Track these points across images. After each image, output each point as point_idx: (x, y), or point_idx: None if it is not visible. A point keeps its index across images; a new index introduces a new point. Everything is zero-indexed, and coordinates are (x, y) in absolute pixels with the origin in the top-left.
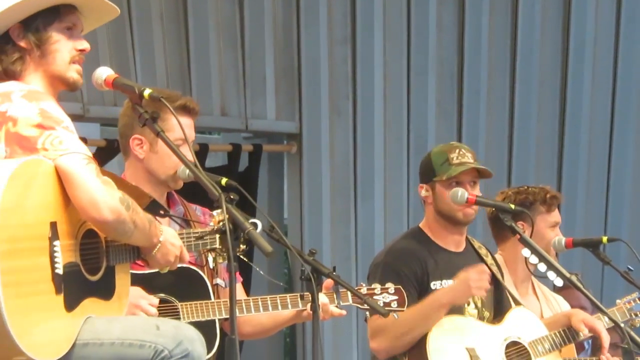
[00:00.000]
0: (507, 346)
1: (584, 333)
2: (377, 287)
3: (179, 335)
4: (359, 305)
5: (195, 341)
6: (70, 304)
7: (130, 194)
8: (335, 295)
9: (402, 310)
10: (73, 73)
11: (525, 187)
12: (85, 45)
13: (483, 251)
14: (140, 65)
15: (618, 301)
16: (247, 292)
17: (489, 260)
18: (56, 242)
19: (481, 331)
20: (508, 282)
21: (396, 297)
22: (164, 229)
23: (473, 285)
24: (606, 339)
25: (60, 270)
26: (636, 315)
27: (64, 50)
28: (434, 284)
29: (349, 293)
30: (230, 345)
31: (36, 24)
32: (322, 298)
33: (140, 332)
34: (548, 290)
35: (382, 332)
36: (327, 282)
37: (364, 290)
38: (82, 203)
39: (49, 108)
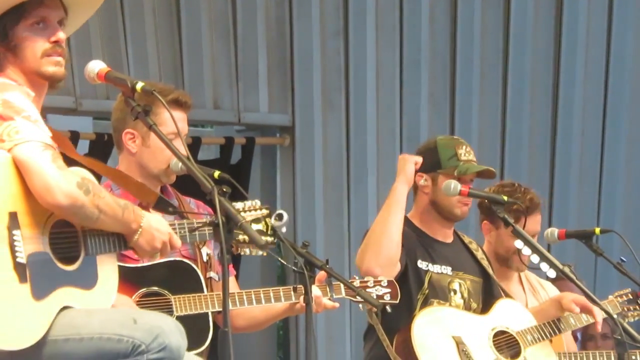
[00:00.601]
0: (495, 335)
1: (576, 312)
2: (370, 279)
3: (155, 329)
4: (352, 298)
5: (173, 333)
6: (39, 293)
7: (136, 191)
8: (328, 288)
9: (395, 303)
10: (48, 66)
11: (512, 187)
12: (58, 36)
13: (473, 246)
14: (133, 58)
15: (610, 296)
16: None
17: (479, 254)
18: (16, 232)
19: (467, 321)
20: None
21: (389, 290)
22: (148, 215)
23: (407, 157)
24: (598, 314)
25: (22, 259)
26: (629, 309)
27: (34, 46)
28: (421, 263)
29: (342, 286)
30: (223, 338)
31: (2, 27)
32: (315, 291)
33: (118, 326)
34: (536, 278)
35: (365, 248)
36: (320, 275)
37: (357, 282)
38: (36, 188)
39: (13, 98)
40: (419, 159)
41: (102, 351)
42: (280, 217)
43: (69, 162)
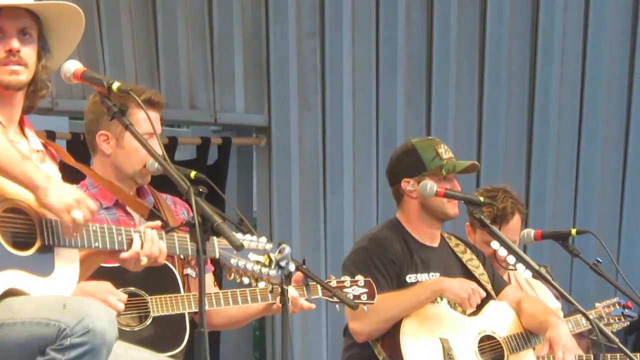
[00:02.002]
0: (481, 340)
1: (542, 354)
2: (346, 279)
3: (82, 313)
4: (329, 299)
5: (100, 318)
6: None
7: (130, 203)
8: (305, 289)
9: (372, 303)
10: (2, 75)
11: (494, 192)
12: (10, 45)
13: (461, 248)
14: (109, 58)
15: (597, 304)
16: (219, 285)
17: (467, 256)
18: None
19: (456, 322)
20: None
21: (366, 290)
22: (55, 179)
23: (465, 296)
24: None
25: None
26: (614, 320)
27: None
28: (410, 277)
29: (318, 286)
30: (199, 339)
31: None
32: (292, 291)
33: (48, 310)
34: (524, 277)
35: (368, 314)
36: (297, 276)
37: (333, 283)
38: None
39: None
40: (467, 307)
41: (32, 336)
42: (282, 250)
43: (64, 167)
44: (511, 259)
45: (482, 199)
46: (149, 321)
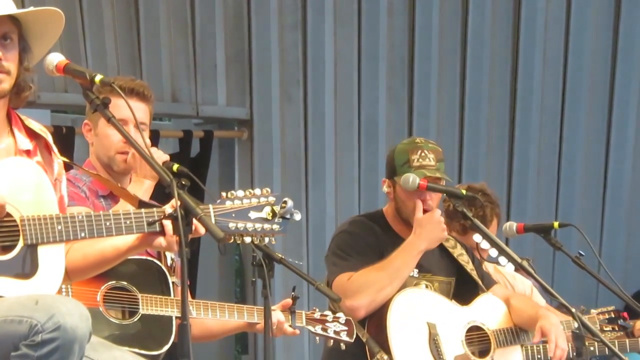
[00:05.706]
0: (469, 329)
1: (535, 340)
2: (329, 314)
3: (53, 309)
4: (312, 328)
5: (70, 314)
6: None
7: (121, 195)
8: (290, 316)
9: (351, 342)
10: None
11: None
12: None
13: (451, 243)
14: (91, 51)
15: (593, 311)
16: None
17: (457, 251)
18: None
19: (446, 309)
20: None
21: (346, 328)
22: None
23: (444, 233)
24: (551, 346)
25: None
26: (608, 328)
27: None
28: None
29: (303, 314)
30: (182, 331)
31: None
32: (278, 315)
33: (20, 308)
34: (494, 266)
35: (362, 289)
36: (285, 302)
37: (317, 315)
38: None
39: None
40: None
41: (7, 333)
42: (285, 203)
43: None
44: (494, 252)
45: (464, 191)
46: (136, 317)
